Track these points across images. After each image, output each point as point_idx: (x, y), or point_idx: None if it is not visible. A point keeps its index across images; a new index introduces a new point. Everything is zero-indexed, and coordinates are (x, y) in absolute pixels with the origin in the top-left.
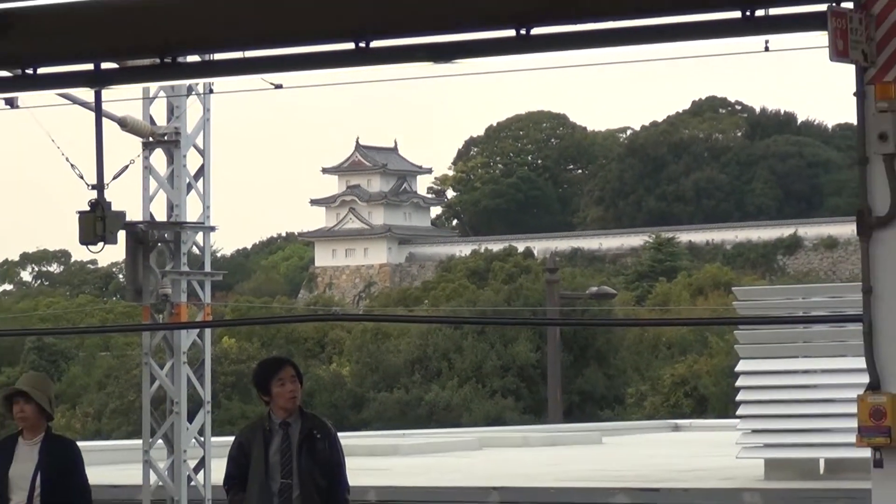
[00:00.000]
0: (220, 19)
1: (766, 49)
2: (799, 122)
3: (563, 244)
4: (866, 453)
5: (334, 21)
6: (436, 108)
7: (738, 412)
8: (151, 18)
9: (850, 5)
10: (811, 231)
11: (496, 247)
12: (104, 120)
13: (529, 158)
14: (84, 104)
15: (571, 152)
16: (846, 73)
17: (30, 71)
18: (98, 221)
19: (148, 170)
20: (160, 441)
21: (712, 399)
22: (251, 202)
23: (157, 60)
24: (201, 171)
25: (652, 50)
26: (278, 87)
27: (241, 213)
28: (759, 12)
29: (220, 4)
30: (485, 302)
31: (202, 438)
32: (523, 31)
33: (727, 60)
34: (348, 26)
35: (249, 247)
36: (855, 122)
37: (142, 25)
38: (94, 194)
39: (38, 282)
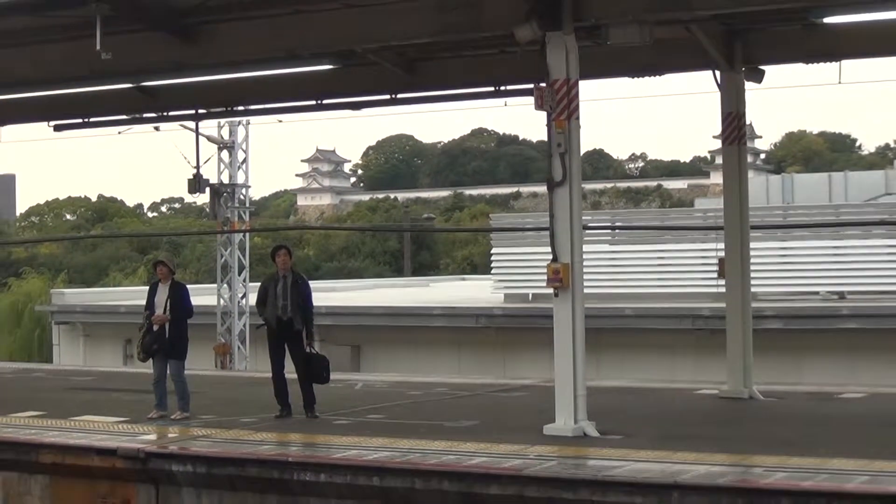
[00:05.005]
0: (255, 90)
1: (506, 105)
2: (521, 138)
3: (412, 195)
4: (550, 291)
5: (306, 91)
6: (354, 131)
7: (492, 272)
8: (222, 89)
9: (543, 85)
10: (526, 189)
11: (381, 196)
12: (200, 136)
13: (396, 156)
14: (190, 129)
15: (416, 153)
16: (542, 116)
17: (165, 113)
18: (196, 183)
19: (220, 159)
20: (225, 285)
21: (480, 266)
22: (269, 174)
23: (224, 108)
24: (245, 161)
25: (458, 104)
26: (280, 121)
27: (264, 179)
28: (503, 88)
29: (253, 83)
30: (375, 220)
31: (245, 283)
32: (394, 95)
33: (489, 109)
34: (311, 92)
35: (268, 195)
36: (547, 139)
37: (217, 92)
38: (193, 171)
39: (170, 212)
